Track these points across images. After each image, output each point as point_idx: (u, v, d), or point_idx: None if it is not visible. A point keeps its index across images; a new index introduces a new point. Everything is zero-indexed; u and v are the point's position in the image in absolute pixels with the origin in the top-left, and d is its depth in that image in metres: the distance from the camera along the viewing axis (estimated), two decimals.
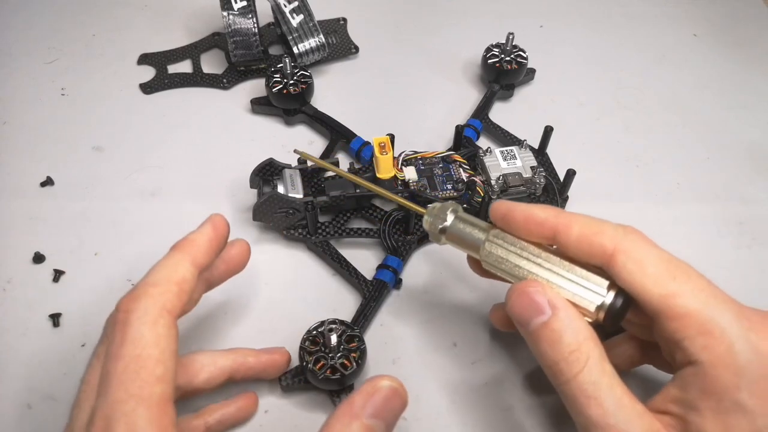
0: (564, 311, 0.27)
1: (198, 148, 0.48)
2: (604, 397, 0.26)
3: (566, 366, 0.26)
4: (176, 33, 0.57)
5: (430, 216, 0.32)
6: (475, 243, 0.31)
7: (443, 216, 0.32)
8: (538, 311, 0.27)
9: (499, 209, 0.30)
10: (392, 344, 0.38)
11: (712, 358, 0.25)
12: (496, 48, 0.52)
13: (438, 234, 0.32)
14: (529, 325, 0.28)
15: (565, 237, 0.28)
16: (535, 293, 0.28)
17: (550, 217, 0.29)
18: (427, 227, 0.33)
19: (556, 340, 0.27)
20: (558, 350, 0.27)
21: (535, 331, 0.27)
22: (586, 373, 0.26)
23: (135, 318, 0.25)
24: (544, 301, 0.27)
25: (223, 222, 0.31)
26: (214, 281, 0.32)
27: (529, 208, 0.30)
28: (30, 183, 0.45)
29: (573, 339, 0.27)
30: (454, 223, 0.32)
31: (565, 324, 0.27)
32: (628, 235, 0.28)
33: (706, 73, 0.57)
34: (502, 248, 0.30)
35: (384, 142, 0.40)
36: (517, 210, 0.30)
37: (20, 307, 0.38)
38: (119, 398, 0.24)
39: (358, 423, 0.25)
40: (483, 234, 0.31)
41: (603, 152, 0.49)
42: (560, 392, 0.27)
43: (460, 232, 0.31)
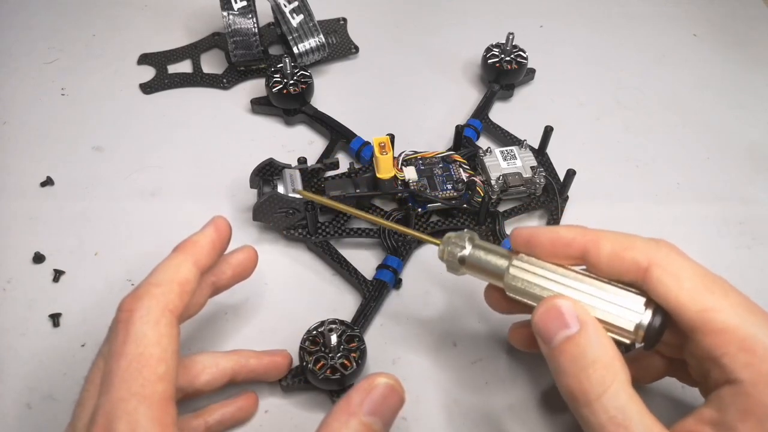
0: (593, 327, 0.26)
1: (198, 148, 0.48)
2: (633, 424, 0.24)
3: (590, 385, 0.25)
4: (176, 33, 0.57)
5: (446, 245, 0.31)
6: (497, 271, 0.29)
7: (461, 244, 0.30)
8: (564, 325, 0.26)
9: (521, 235, 0.29)
10: (392, 344, 0.38)
11: (754, 376, 0.24)
12: (496, 48, 0.52)
13: (457, 264, 0.30)
14: (552, 340, 0.26)
15: (596, 255, 0.27)
16: (564, 306, 0.26)
17: (577, 236, 0.28)
18: (443, 258, 0.31)
19: (580, 355, 0.25)
20: (581, 366, 0.25)
21: (559, 345, 0.26)
22: (611, 396, 0.24)
23: (137, 317, 0.26)
24: (572, 315, 0.26)
25: (226, 224, 0.31)
26: (221, 286, 0.33)
27: (554, 230, 0.29)
28: (30, 183, 0.45)
29: (600, 356, 0.25)
30: (473, 251, 0.30)
31: (592, 340, 0.25)
32: (662, 248, 0.27)
33: (706, 73, 0.57)
34: (528, 272, 0.28)
35: (384, 142, 0.40)
36: (542, 232, 0.29)
37: (20, 307, 0.38)
38: (121, 396, 0.24)
39: (356, 420, 0.25)
40: (505, 260, 0.29)
41: (603, 152, 0.49)
42: (580, 416, 0.26)
43: (480, 261, 0.30)
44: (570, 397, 0.26)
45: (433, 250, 0.42)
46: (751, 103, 0.54)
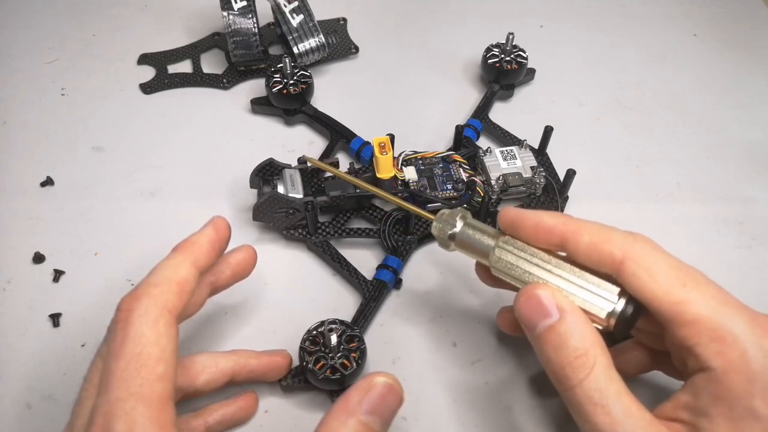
0: (572, 315, 0.27)
1: (198, 148, 0.48)
2: (611, 404, 0.25)
3: (571, 371, 0.26)
4: (176, 33, 0.57)
5: (439, 222, 0.32)
6: (484, 249, 0.31)
7: (452, 222, 0.32)
8: (545, 314, 0.27)
9: (507, 216, 0.30)
10: (392, 344, 0.38)
11: (725, 364, 0.25)
12: (496, 48, 0.52)
13: (447, 240, 0.32)
14: (535, 329, 0.27)
15: (574, 245, 0.28)
16: (543, 296, 0.27)
17: (558, 224, 0.29)
18: (435, 233, 0.32)
19: (561, 344, 0.26)
20: (563, 354, 0.26)
21: (542, 334, 0.27)
22: (592, 380, 0.26)
23: (136, 317, 0.26)
24: (552, 304, 0.27)
25: (225, 224, 0.31)
26: (220, 286, 0.33)
27: (537, 215, 0.29)
28: (30, 183, 0.45)
29: (580, 343, 0.26)
30: (463, 229, 0.31)
31: (572, 328, 0.27)
32: (637, 242, 0.28)
33: (706, 73, 0.57)
34: (512, 254, 0.30)
35: (384, 142, 0.40)
36: (526, 217, 0.30)
37: (20, 307, 0.38)
38: (119, 396, 0.24)
39: (354, 419, 0.25)
40: (492, 240, 0.31)
41: (603, 152, 0.49)
42: (565, 399, 0.27)
43: (470, 239, 0.31)
44: (556, 382, 0.27)
45: (434, 249, 0.43)
46: (751, 103, 0.54)
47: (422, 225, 0.42)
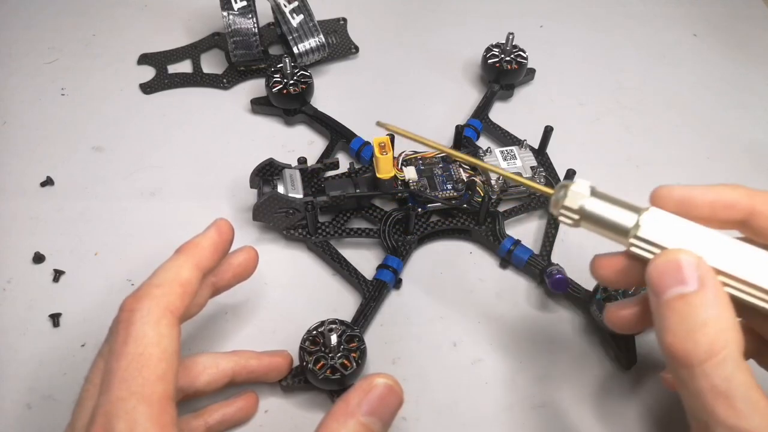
0: (712, 290, 0.23)
1: (198, 148, 0.48)
2: (738, 397, 0.22)
3: (694, 348, 0.22)
4: (176, 33, 0.57)
5: (558, 196, 0.27)
6: (622, 224, 0.26)
7: (580, 192, 0.27)
8: (681, 281, 0.24)
9: (671, 195, 0.26)
10: (392, 344, 0.38)
11: None
12: (496, 48, 0.52)
13: (573, 215, 0.27)
14: (664, 294, 0.24)
15: (764, 219, 0.25)
16: (685, 261, 0.24)
17: (742, 196, 0.25)
18: (556, 209, 0.27)
19: (691, 316, 0.23)
20: (690, 327, 0.23)
21: (670, 301, 0.24)
22: (717, 364, 0.22)
23: (138, 317, 0.26)
24: (693, 273, 0.24)
25: (228, 227, 0.31)
26: (221, 287, 0.33)
27: (713, 190, 0.26)
28: (30, 183, 0.45)
29: (713, 320, 0.23)
30: (594, 200, 0.26)
31: (708, 303, 0.23)
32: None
33: (706, 73, 0.57)
34: (665, 226, 0.25)
35: (384, 142, 0.40)
36: (698, 193, 0.26)
37: (20, 307, 0.38)
38: (120, 396, 0.24)
39: (354, 421, 0.25)
40: (634, 213, 0.26)
41: (603, 152, 0.49)
42: (679, 377, 0.24)
43: (602, 213, 0.26)
44: (671, 356, 0.24)
45: (434, 249, 0.43)
46: (751, 103, 0.54)
47: (422, 225, 0.42)
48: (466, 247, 0.43)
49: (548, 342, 0.38)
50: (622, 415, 0.35)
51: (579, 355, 0.38)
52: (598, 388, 0.36)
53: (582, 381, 0.36)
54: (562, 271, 0.39)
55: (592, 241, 0.31)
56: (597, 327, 0.38)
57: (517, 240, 0.41)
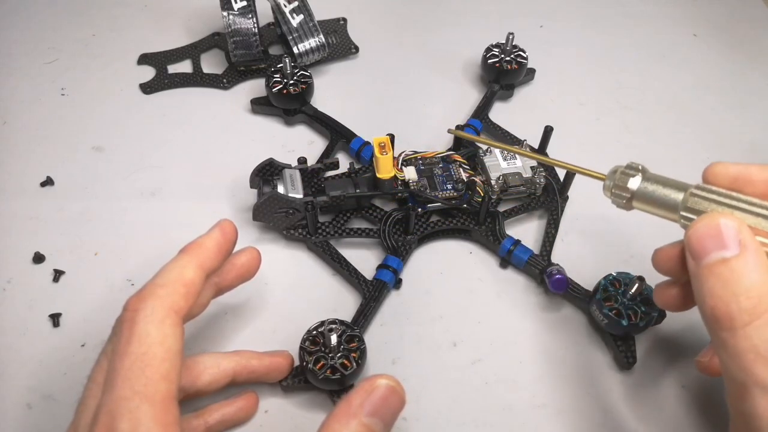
0: (754, 254, 0.24)
1: (198, 148, 0.48)
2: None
3: (738, 311, 0.23)
4: (176, 33, 0.57)
5: (611, 180, 0.29)
6: (672, 202, 0.27)
7: (631, 174, 0.28)
8: (722, 245, 0.24)
9: (726, 172, 0.27)
10: (392, 344, 0.38)
11: None
12: (496, 48, 0.52)
13: (626, 197, 0.28)
14: (705, 258, 0.24)
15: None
16: (725, 225, 0.24)
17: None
18: (610, 193, 0.29)
19: (733, 280, 0.23)
20: (732, 291, 0.23)
21: (711, 265, 0.24)
22: (760, 326, 0.23)
23: (142, 317, 0.26)
24: (734, 237, 0.24)
25: (232, 228, 0.31)
26: (224, 287, 0.33)
27: (766, 166, 0.26)
28: (30, 183, 0.45)
29: (755, 285, 0.23)
30: (644, 183, 0.28)
31: (750, 267, 0.23)
32: None
33: (706, 73, 0.57)
34: (709, 201, 0.26)
35: (384, 142, 0.40)
36: (754, 171, 0.27)
37: (20, 307, 0.38)
38: (124, 395, 0.24)
39: (357, 422, 0.25)
40: (682, 192, 0.27)
41: (603, 152, 0.49)
42: (719, 340, 0.24)
43: (654, 192, 0.27)
44: (712, 319, 0.24)
45: (434, 249, 0.43)
46: (751, 103, 0.54)
47: (422, 225, 0.42)
48: (466, 247, 0.43)
49: (548, 342, 0.38)
50: (622, 416, 0.35)
51: (579, 355, 0.38)
52: (598, 388, 0.36)
53: (582, 381, 0.37)
54: (562, 271, 0.39)
55: (592, 241, 0.31)
56: (597, 327, 0.38)
57: (517, 240, 0.41)
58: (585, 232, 0.44)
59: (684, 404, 0.35)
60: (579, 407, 0.35)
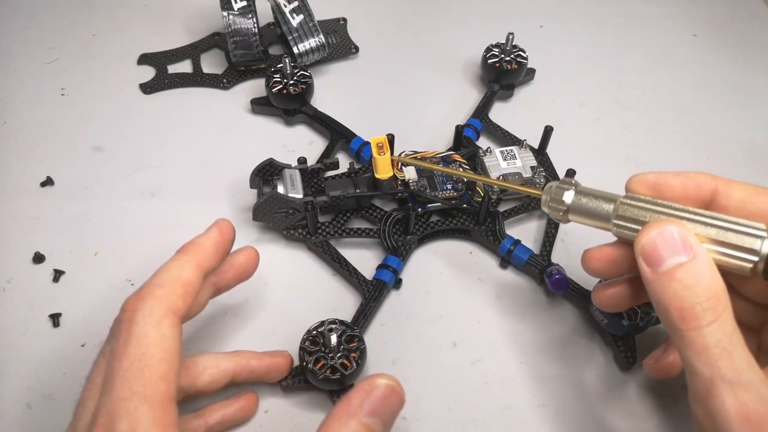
0: (704, 257, 0.25)
1: (198, 148, 0.48)
2: (737, 353, 0.24)
3: (701, 312, 0.24)
4: (176, 33, 0.57)
5: (548, 195, 0.31)
6: (604, 213, 0.29)
7: (563, 192, 0.30)
8: (675, 251, 0.25)
9: (646, 180, 0.29)
10: (392, 344, 0.38)
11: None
12: (496, 48, 0.52)
13: (562, 211, 0.30)
14: (661, 265, 0.26)
15: (726, 198, 0.28)
16: (676, 232, 0.26)
17: (708, 178, 0.28)
18: (547, 208, 0.31)
19: (694, 284, 0.25)
20: (694, 294, 0.25)
21: (669, 272, 0.25)
22: (723, 323, 0.24)
23: (140, 317, 0.26)
24: (686, 242, 0.25)
25: (230, 227, 0.31)
26: (222, 287, 0.33)
27: (683, 173, 0.29)
28: (30, 183, 0.45)
29: (712, 285, 0.25)
30: (577, 197, 0.30)
31: (705, 269, 0.25)
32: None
33: (706, 73, 0.57)
34: (638, 208, 0.28)
35: (382, 143, 0.40)
36: (670, 176, 0.29)
37: (20, 307, 0.38)
38: (123, 396, 0.24)
39: (356, 421, 0.25)
40: (611, 203, 0.29)
41: (603, 152, 0.49)
42: (685, 339, 0.25)
43: (586, 205, 0.30)
44: (680, 321, 0.25)
45: (434, 249, 0.43)
46: (751, 103, 0.54)
47: (422, 225, 0.42)
48: (466, 247, 0.43)
49: (548, 342, 0.38)
50: (622, 416, 0.35)
51: (579, 355, 0.38)
52: (598, 388, 0.36)
53: (582, 381, 0.37)
54: (562, 271, 0.39)
55: (592, 242, 0.31)
56: (597, 327, 0.38)
57: (517, 240, 0.41)
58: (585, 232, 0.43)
59: (684, 404, 0.35)
60: (579, 407, 0.35)
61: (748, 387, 0.23)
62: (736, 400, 0.23)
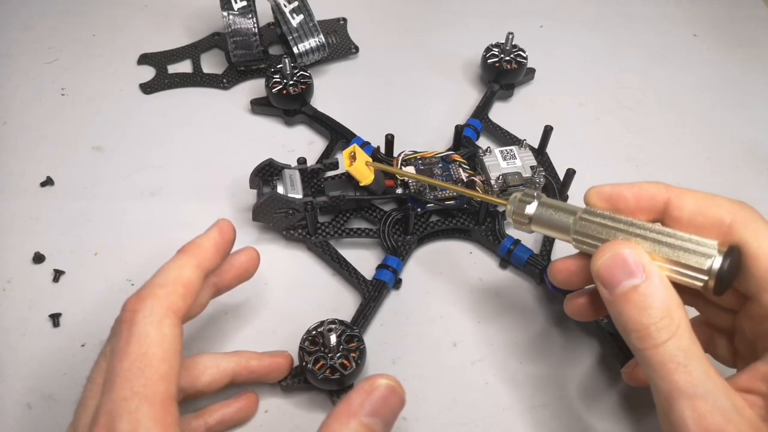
0: (657, 277, 0.26)
1: (198, 148, 0.48)
2: (693, 366, 0.25)
3: (656, 331, 0.25)
4: (176, 33, 0.57)
5: (512, 205, 0.32)
6: (564, 225, 0.30)
7: (527, 201, 0.31)
8: (630, 273, 0.26)
9: (602, 192, 0.30)
10: (392, 344, 0.38)
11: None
12: (495, 48, 0.52)
13: (525, 221, 0.31)
14: (617, 288, 0.26)
15: (678, 209, 0.28)
16: (629, 255, 0.26)
17: (661, 189, 0.29)
18: (511, 218, 0.32)
19: (647, 305, 0.26)
20: (649, 315, 0.25)
21: (625, 294, 0.26)
22: (677, 339, 0.25)
23: (141, 317, 0.26)
24: (638, 264, 0.26)
25: (230, 227, 0.31)
26: (223, 287, 0.33)
27: (636, 185, 0.29)
28: (30, 183, 0.45)
29: (665, 305, 0.25)
30: (539, 208, 0.31)
31: (658, 290, 0.26)
32: (744, 208, 0.28)
33: (706, 73, 0.57)
34: (595, 223, 0.29)
35: (353, 152, 0.39)
36: (624, 188, 0.29)
37: (20, 307, 0.38)
38: (123, 396, 0.24)
39: (356, 421, 0.25)
40: (572, 215, 0.30)
41: (603, 152, 0.49)
42: (645, 357, 0.26)
43: (548, 216, 0.31)
44: (637, 341, 0.26)
45: (434, 249, 0.43)
46: (751, 103, 0.54)
47: (422, 225, 0.42)
48: (466, 247, 0.43)
49: (548, 342, 0.38)
50: (622, 415, 0.35)
51: (579, 355, 0.38)
52: (598, 388, 0.36)
53: (582, 381, 0.37)
54: None
55: None
56: (597, 327, 0.38)
57: (517, 240, 0.41)
58: None
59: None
60: (579, 407, 0.35)
61: (705, 398, 0.24)
62: (693, 412, 0.24)
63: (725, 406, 0.24)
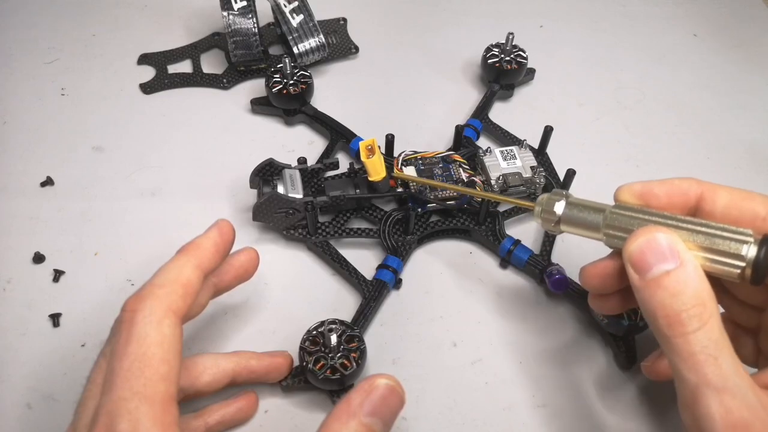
0: (692, 264, 0.25)
1: (198, 148, 0.48)
2: (723, 358, 0.24)
3: (687, 319, 0.24)
4: (176, 33, 0.57)
5: (540, 206, 0.31)
6: (595, 222, 0.29)
7: (555, 203, 0.31)
8: (663, 258, 0.25)
9: (633, 189, 0.29)
10: (392, 344, 0.38)
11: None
12: (496, 48, 0.52)
13: (554, 223, 0.31)
14: (649, 272, 0.26)
15: (711, 203, 0.28)
16: (664, 239, 0.26)
17: (693, 184, 0.28)
18: (539, 219, 0.31)
19: (679, 291, 0.25)
20: (681, 301, 0.25)
21: (656, 279, 0.25)
22: (709, 330, 0.24)
23: (140, 317, 0.26)
24: (673, 250, 0.26)
25: (230, 227, 0.31)
26: (222, 288, 0.33)
27: (668, 181, 0.29)
28: (30, 183, 0.45)
29: (698, 293, 0.25)
30: (568, 208, 0.30)
31: (691, 276, 0.25)
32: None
33: (706, 73, 0.57)
34: (626, 217, 0.28)
35: (370, 145, 0.39)
36: (656, 185, 0.29)
37: (20, 307, 0.38)
38: (123, 396, 0.24)
39: (356, 421, 0.25)
40: (601, 213, 0.29)
41: (603, 152, 0.49)
42: (672, 345, 0.25)
43: (577, 216, 0.30)
44: (666, 328, 0.25)
45: (434, 249, 0.43)
46: (751, 103, 0.54)
47: (422, 225, 0.42)
48: (466, 247, 0.43)
49: (548, 342, 0.38)
50: (623, 415, 0.35)
51: (579, 355, 0.38)
52: (598, 388, 0.36)
53: (582, 381, 0.37)
54: (562, 271, 0.39)
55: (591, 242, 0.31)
56: (597, 327, 0.38)
57: (517, 240, 0.41)
58: None
59: None
60: (579, 407, 0.35)
61: (734, 393, 0.23)
62: (721, 406, 0.23)
63: (752, 402, 0.23)
